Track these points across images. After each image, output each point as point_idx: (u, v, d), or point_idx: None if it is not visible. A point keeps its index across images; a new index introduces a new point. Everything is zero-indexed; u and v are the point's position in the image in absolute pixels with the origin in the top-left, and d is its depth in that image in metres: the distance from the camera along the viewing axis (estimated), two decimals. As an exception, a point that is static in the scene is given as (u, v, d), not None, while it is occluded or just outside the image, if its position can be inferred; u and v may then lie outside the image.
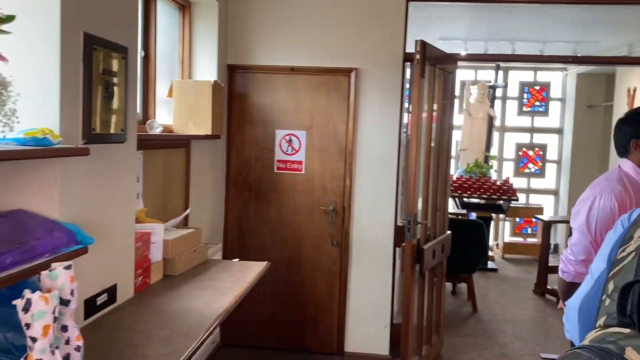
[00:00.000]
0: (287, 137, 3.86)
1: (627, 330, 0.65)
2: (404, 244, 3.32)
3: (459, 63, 4.10)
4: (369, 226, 3.81)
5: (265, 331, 3.96)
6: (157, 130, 2.89)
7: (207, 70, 3.67)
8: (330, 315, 3.93)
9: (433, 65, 3.44)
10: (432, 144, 3.57)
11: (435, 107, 3.56)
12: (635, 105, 5.56)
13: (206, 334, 1.70)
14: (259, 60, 3.82)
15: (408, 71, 3.91)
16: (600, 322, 0.74)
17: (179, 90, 3.27)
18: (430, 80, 3.44)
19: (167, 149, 3.00)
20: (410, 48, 3.65)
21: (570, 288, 2.00)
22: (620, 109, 5.99)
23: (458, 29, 5.32)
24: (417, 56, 3.20)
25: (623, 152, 2.09)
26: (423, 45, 3.24)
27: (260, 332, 3.97)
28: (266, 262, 2.77)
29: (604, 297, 0.76)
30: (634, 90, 5.60)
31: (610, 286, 0.76)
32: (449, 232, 3.95)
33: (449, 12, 4.68)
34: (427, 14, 4.59)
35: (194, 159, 3.33)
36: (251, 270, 2.54)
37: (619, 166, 2.09)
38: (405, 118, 4.01)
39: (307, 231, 3.88)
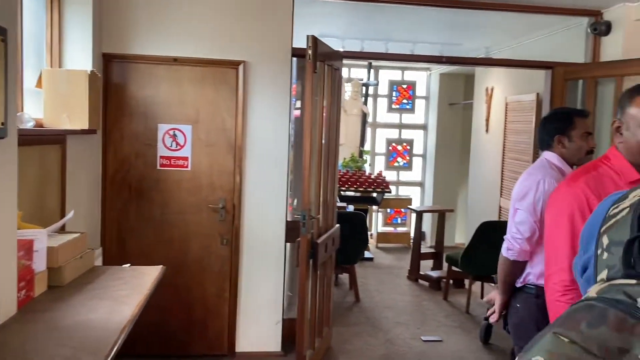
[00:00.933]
0: (171, 132, 3.66)
1: (633, 281, 0.67)
2: (298, 239, 3.32)
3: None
4: (260, 223, 3.75)
5: (149, 339, 3.72)
6: (29, 125, 2.57)
7: (79, 58, 3.34)
8: (220, 317, 3.81)
9: (323, 61, 3.47)
10: (323, 140, 3.61)
11: (325, 103, 3.60)
12: (493, 103, 6.13)
13: (115, 349, 1.54)
14: (138, 49, 3.57)
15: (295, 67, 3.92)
16: (602, 276, 0.75)
17: (49, 81, 2.94)
18: (320, 76, 3.46)
19: (40, 146, 2.68)
20: (297, 43, 3.66)
21: (512, 267, 2.23)
22: (479, 107, 6.57)
23: (336, 27, 5.44)
24: (310, 52, 3.20)
25: (546, 146, 2.37)
26: (315, 40, 3.26)
27: (143, 340, 3.72)
28: (161, 266, 2.60)
29: (599, 251, 0.77)
30: (492, 90, 6.16)
31: (605, 240, 0.77)
32: (337, 225, 4.03)
33: (328, 10, 4.76)
34: (308, 11, 4.63)
35: (70, 156, 3.02)
36: (147, 276, 2.37)
37: (545, 158, 2.36)
38: (293, 114, 4.01)
39: (194, 231, 3.72)
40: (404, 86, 8.16)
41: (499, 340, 4.24)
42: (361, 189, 6.73)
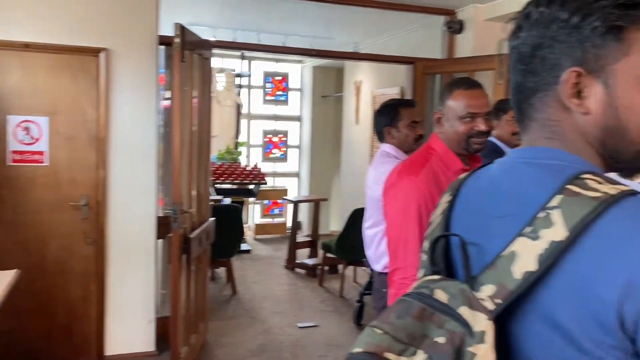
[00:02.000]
0: (24, 125, 3.36)
1: (436, 277, 0.76)
2: (170, 235, 3.22)
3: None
4: (127, 219, 3.58)
5: (4, 350, 3.40)
6: None
7: None
8: (87, 320, 3.58)
9: (191, 50, 3.38)
10: (194, 131, 3.52)
11: (194, 93, 3.51)
12: (362, 96, 6.38)
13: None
14: (-19, 33, 3.22)
15: (162, 56, 3.77)
16: (420, 274, 0.86)
17: None
18: (189, 65, 3.37)
19: None
20: (166, 31, 3.52)
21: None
22: (349, 100, 6.81)
23: (207, 16, 5.32)
24: (177, 40, 3.10)
25: (381, 138, 2.49)
26: (182, 29, 3.16)
27: (-1, 352, 3.40)
28: (15, 270, 2.38)
29: (422, 255, 0.88)
30: (360, 83, 6.41)
31: (425, 244, 0.88)
32: (212, 218, 3.97)
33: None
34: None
35: None
36: (-4, 282, 2.15)
37: (383, 150, 2.50)
38: (161, 104, 3.86)
39: (54, 231, 3.45)
40: (278, 78, 8.21)
41: (370, 321, 4.45)
42: (237, 181, 6.69)
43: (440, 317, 0.70)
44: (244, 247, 6.96)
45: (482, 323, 0.67)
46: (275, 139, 8.30)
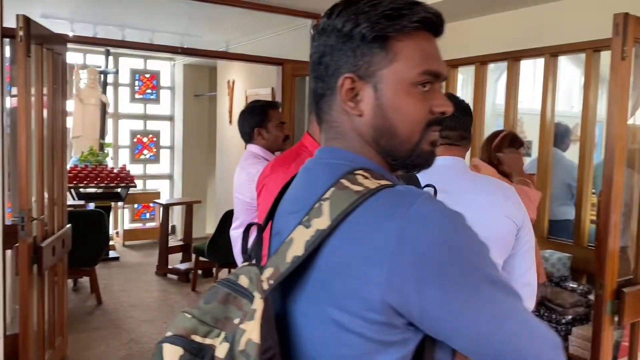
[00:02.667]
0: None
1: (246, 263, 0.81)
2: (17, 245, 2.95)
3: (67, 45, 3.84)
4: (-33, 229, 3.21)
5: None
6: None
7: None
8: None
9: (40, 44, 3.12)
10: (45, 131, 3.26)
11: (45, 91, 3.25)
12: (235, 95, 6.33)
13: None
14: None
15: (8, 49, 3.44)
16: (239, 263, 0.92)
17: None
18: (37, 61, 3.11)
19: None
20: (10, 23, 3.22)
21: None
22: (222, 99, 6.72)
23: (64, 8, 4.95)
24: (21, 33, 2.85)
25: (248, 138, 2.50)
26: (27, 21, 2.90)
27: None
28: None
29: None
30: (233, 82, 6.36)
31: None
32: (68, 225, 3.70)
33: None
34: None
35: None
36: None
37: (250, 150, 2.55)
38: (8, 102, 3.52)
39: None
40: (147, 75, 7.88)
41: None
42: (103, 185, 6.30)
43: (241, 301, 0.75)
44: (111, 254, 6.60)
45: (257, 302, 0.73)
46: (145, 140, 7.96)
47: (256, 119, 2.58)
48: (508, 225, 1.51)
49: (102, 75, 7.11)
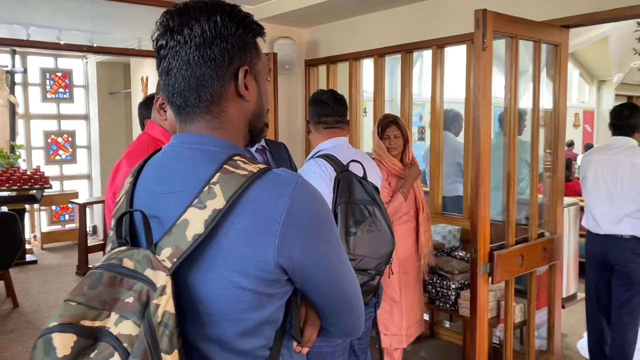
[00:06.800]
0: None
1: (123, 248, 0.91)
2: None
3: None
4: None
5: None
6: None
7: None
8: None
9: None
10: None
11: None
12: (149, 92, 6.33)
13: None
14: None
15: None
16: (108, 248, 0.98)
17: None
18: None
19: None
20: None
21: None
22: (137, 96, 6.70)
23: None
24: None
25: (143, 129, 2.57)
26: None
27: None
28: None
29: (110, 232, 1.00)
30: (147, 79, 6.36)
31: (113, 222, 1.00)
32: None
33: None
34: None
35: None
36: None
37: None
38: None
39: None
40: (59, 74, 7.68)
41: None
42: (15, 188, 6.13)
43: (129, 281, 0.84)
44: (28, 258, 6.45)
45: (163, 279, 0.84)
46: (60, 140, 7.77)
47: (149, 110, 2.65)
48: (377, 181, 2.35)
49: (9, 75, 6.88)
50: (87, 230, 6.38)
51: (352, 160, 2.07)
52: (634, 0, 2.91)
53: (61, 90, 7.72)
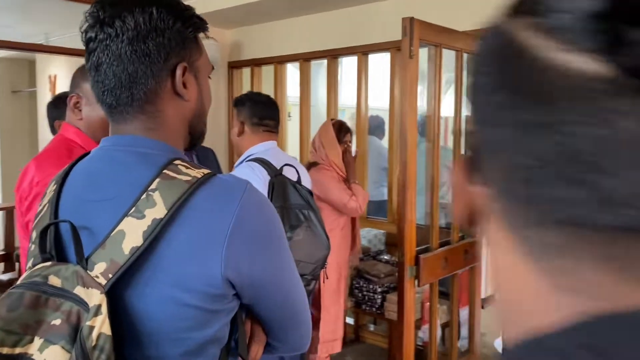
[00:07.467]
0: None
1: (48, 263, 0.81)
2: None
3: None
4: None
5: None
6: None
7: None
8: None
9: None
10: None
11: None
12: (58, 91, 5.94)
13: None
14: None
15: None
16: (29, 264, 0.87)
17: None
18: None
19: None
20: None
21: None
22: (43, 95, 6.26)
23: None
24: None
25: (53, 132, 2.40)
26: None
27: None
28: None
29: (31, 246, 0.89)
30: (55, 77, 5.96)
31: (34, 234, 0.90)
32: None
33: None
34: None
35: None
36: None
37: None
38: None
39: None
40: (-47, 70, 7.03)
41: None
42: None
43: (56, 301, 0.75)
44: None
45: (96, 297, 0.75)
46: (-46, 142, 7.10)
47: (59, 111, 2.35)
48: (309, 185, 2.33)
49: None
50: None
51: (286, 164, 2.03)
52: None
53: (-45, 87, 7.07)
